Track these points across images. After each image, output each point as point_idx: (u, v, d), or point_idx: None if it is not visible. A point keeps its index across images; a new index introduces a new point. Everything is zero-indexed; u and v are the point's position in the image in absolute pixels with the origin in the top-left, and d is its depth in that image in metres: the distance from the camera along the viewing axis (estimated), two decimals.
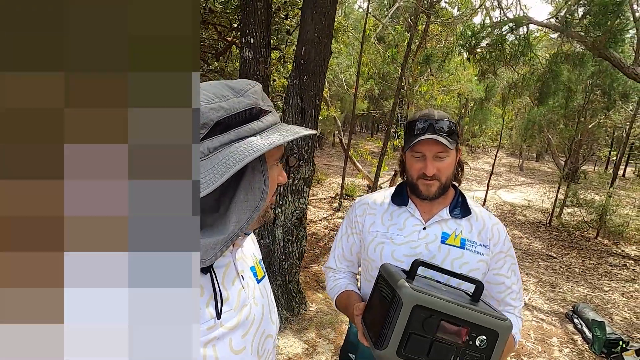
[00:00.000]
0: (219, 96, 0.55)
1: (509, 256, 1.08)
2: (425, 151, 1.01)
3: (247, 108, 0.56)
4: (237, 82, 0.60)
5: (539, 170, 17.36)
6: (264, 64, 2.96)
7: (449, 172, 1.04)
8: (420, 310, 0.75)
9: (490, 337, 0.75)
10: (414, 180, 1.06)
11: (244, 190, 0.57)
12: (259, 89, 0.60)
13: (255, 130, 0.57)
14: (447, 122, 1.01)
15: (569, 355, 3.14)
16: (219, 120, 0.54)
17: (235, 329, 0.62)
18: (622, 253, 6.22)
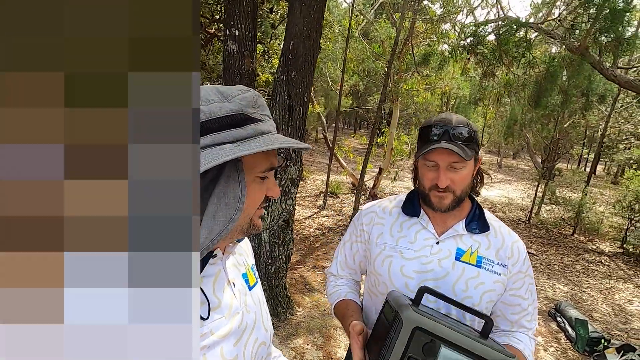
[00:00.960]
0: (203, 99, 0.54)
1: (527, 276, 1.00)
2: (439, 160, 0.92)
3: (229, 114, 0.54)
4: (230, 88, 0.58)
5: (516, 167, 17.84)
6: (250, 57, 2.81)
7: (465, 184, 0.95)
8: (421, 334, 0.72)
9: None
10: (426, 190, 0.97)
11: (217, 199, 0.54)
12: (251, 96, 0.58)
13: (235, 137, 0.54)
14: (465, 129, 0.91)
15: (554, 355, 3.17)
16: None
17: (226, 337, 0.61)
18: (598, 250, 6.42)
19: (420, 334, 0.72)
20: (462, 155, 0.88)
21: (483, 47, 5.69)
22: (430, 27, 6.91)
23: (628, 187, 6.56)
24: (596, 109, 9.84)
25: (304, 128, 2.90)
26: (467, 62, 6.57)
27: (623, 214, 6.58)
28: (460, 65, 6.74)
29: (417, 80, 7.10)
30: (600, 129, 10.11)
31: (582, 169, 16.25)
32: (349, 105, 10.63)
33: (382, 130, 8.31)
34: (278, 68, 2.79)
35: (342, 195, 8.12)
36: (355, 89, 9.53)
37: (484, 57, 5.57)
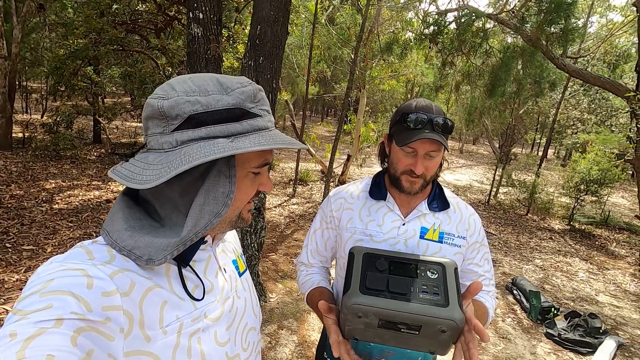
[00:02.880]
0: (201, 90, 0.53)
1: (482, 245, 1.09)
2: (419, 149, 0.95)
3: (227, 107, 0.53)
4: (231, 79, 0.57)
5: (476, 152, 18.70)
6: (215, 42, 2.72)
7: (435, 169, 1.01)
8: (371, 256, 0.87)
9: (438, 270, 0.84)
10: (397, 173, 1.01)
11: (205, 193, 0.54)
12: (251, 90, 0.56)
13: (231, 132, 0.53)
14: (443, 118, 0.95)
15: (511, 325, 3.43)
16: (192, 115, 0.52)
17: (219, 321, 0.61)
18: (549, 227, 6.94)
19: (370, 256, 0.88)
20: (445, 145, 0.93)
21: (443, 37, 5.86)
22: (394, 14, 6.98)
23: (575, 169, 7.10)
24: (548, 97, 10.48)
25: (274, 115, 2.87)
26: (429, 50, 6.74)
27: (570, 194, 7.13)
28: (424, 53, 6.90)
29: (382, 68, 7.18)
30: (551, 115, 10.79)
31: (535, 153, 17.33)
32: (316, 92, 10.59)
33: (349, 118, 8.38)
34: (245, 53, 2.73)
35: (312, 183, 8.16)
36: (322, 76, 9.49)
37: (444, 47, 5.75)
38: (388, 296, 0.78)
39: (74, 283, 0.45)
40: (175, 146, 0.52)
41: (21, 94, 11.12)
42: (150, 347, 0.50)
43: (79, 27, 5.58)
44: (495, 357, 2.89)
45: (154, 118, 0.53)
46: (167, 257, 0.51)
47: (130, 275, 0.50)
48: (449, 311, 0.75)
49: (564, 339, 3.17)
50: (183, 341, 0.54)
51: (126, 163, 0.56)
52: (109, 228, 0.54)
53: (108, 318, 0.46)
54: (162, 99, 0.52)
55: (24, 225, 3.95)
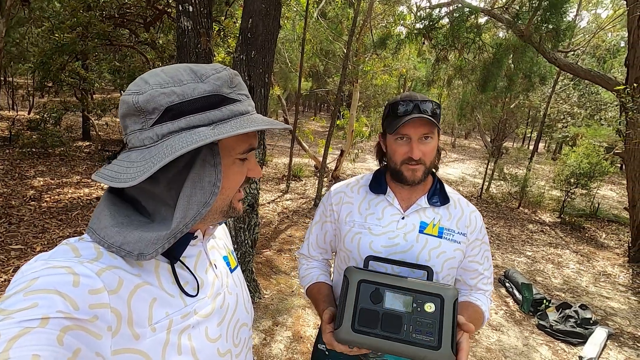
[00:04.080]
0: (175, 80, 0.52)
1: (483, 243, 1.08)
2: (411, 133, 0.96)
3: (203, 95, 0.53)
4: (204, 67, 0.55)
5: (468, 147, 18.84)
6: (206, 35, 2.67)
7: (433, 155, 1.00)
8: (366, 285, 0.84)
9: (436, 302, 0.81)
10: (397, 166, 1.00)
11: (191, 184, 0.53)
12: (227, 75, 0.55)
13: (211, 119, 0.53)
14: (430, 104, 0.96)
15: (504, 317, 3.47)
16: (169, 106, 0.51)
17: (210, 317, 0.60)
18: (540, 220, 7.03)
19: (365, 286, 0.83)
20: (435, 123, 0.94)
21: (437, 32, 5.85)
22: (387, 8, 6.95)
23: (565, 162, 7.19)
24: (539, 91, 10.56)
25: (266, 110, 2.84)
26: (422, 45, 6.74)
27: (561, 187, 7.22)
28: (417, 47, 6.89)
29: (375, 62, 7.16)
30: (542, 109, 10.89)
31: (526, 147, 17.51)
32: (309, 87, 10.53)
33: (342, 113, 8.35)
34: (237, 47, 2.69)
35: (305, 178, 8.14)
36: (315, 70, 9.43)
37: (437, 42, 5.75)
38: (379, 336, 0.79)
39: (59, 281, 0.44)
40: (157, 140, 0.51)
41: (7, 90, 10.87)
42: (139, 345, 0.49)
43: (65, 20, 5.44)
44: (488, 349, 2.92)
45: (131, 115, 0.52)
46: (158, 250, 0.51)
47: (118, 273, 0.50)
48: (439, 355, 0.76)
49: (555, 330, 3.21)
50: (173, 338, 0.53)
51: (109, 164, 0.55)
52: (95, 226, 0.53)
53: (95, 316, 0.45)
54: (137, 94, 0.51)
55: (11, 224, 3.87)
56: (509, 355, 2.88)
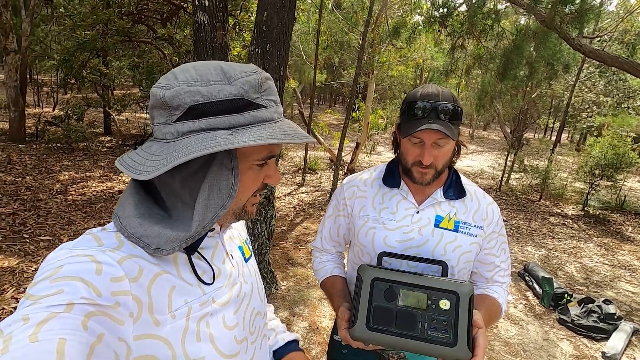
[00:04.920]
0: (203, 79, 0.52)
1: (500, 235, 1.06)
2: (425, 138, 0.92)
3: (228, 98, 0.52)
4: (235, 67, 0.54)
5: (487, 138, 18.40)
6: (222, 29, 2.69)
7: (447, 159, 0.97)
8: (380, 283, 0.83)
9: (451, 299, 0.80)
10: (408, 165, 0.98)
11: (209, 187, 0.54)
12: (256, 79, 0.54)
13: (232, 124, 0.52)
14: (451, 104, 0.90)
15: (523, 311, 3.42)
16: (193, 105, 0.51)
17: (227, 306, 0.62)
18: (562, 213, 6.83)
19: (379, 284, 0.83)
20: (449, 134, 0.89)
21: (453, 19, 5.68)
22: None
23: (589, 153, 6.93)
24: (562, 79, 10.18)
25: (282, 103, 2.85)
26: (438, 34, 6.56)
27: (585, 179, 6.99)
28: (433, 37, 6.73)
29: (391, 53, 7.05)
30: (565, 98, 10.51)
31: (548, 138, 16.97)
32: (324, 79, 10.47)
33: (357, 105, 8.28)
34: (252, 40, 2.70)
35: (320, 171, 8.15)
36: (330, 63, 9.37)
37: (454, 29, 5.58)
38: (395, 333, 0.79)
39: (83, 269, 0.46)
40: (177, 137, 0.52)
41: (32, 88, 11.26)
42: (160, 331, 0.51)
43: (85, 19, 5.57)
44: (506, 343, 2.89)
45: (158, 107, 0.53)
46: (175, 248, 0.52)
47: (138, 262, 0.51)
48: (455, 352, 0.76)
49: (577, 325, 3.14)
50: (192, 325, 0.55)
51: (132, 152, 0.56)
52: (120, 213, 0.55)
53: (117, 303, 0.46)
54: (165, 88, 0.52)
55: (40, 216, 4.04)
56: (527, 349, 2.84)
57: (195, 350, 0.55)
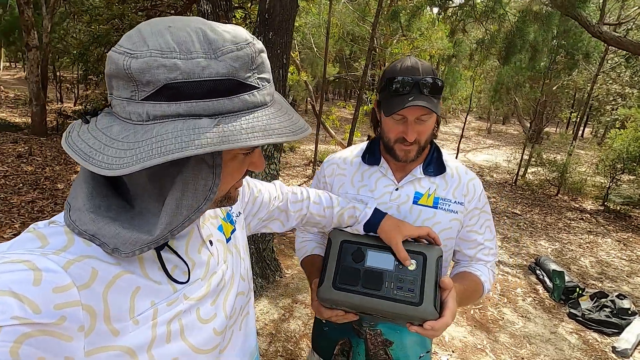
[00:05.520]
0: (182, 48, 0.40)
1: (483, 212, 1.03)
2: (408, 114, 0.90)
3: (214, 78, 0.41)
4: (224, 35, 0.43)
5: (505, 133, 17.94)
6: (225, 18, 2.71)
7: (429, 133, 0.96)
8: (349, 245, 0.85)
9: (418, 259, 0.80)
10: (391, 143, 0.96)
11: (183, 185, 0.45)
12: (248, 54, 0.44)
13: (217, 110, 0.42)
14: (432, 78, 0.88)
15: (532, 304, 3.34)
16: (168, 84, 0.40)
17: (203, 299, 0.55)
18: (580, 208, 6.61)
19: (347, 246, 0.85)
20: (432, 109, 0.87)
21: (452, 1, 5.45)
22: None
23: (611, 146, 6.67)
24: (584, 69, 9.79)
25: (285, 91, 2.86)
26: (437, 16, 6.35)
27: (605, 173, 6.73)
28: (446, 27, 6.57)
29: (403, 44, 6.95)
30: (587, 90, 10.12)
31: (570, 132, 16.40)
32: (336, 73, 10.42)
33: (369, 98, 8.22)
34: (255, 29, 2.71)
35: (328, 156, 8.14)
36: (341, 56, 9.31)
37: (453, 13, 5.39)
38: (361, 292, 0.79)
39: (16, 279, 0.37)
40: (146, 120, 0.41)
41: (54, 83, 11.65)
42: (119, 341, 0.44)
43: (102, 13, 5.72)
44: (512, 335, 2.84)
45: (120, 78, 0.42)
46: (136, 252, 0.44)
47: (91, 263, 0.43)
48: (421, 311, 0.75)
49: (587, 319, 3.05)
50: (159, 328, 0.48)
51: (85, 129, 0.45)
52: (72, 204, 0.46)
53: (63, 317, 0.39)
54: (130, 55, 0.40)
55: (57, 204, 4.20)
56: (533, 342, 2.78)
57: (166, 353, 0.49)
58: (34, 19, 6.80)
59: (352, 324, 1.02)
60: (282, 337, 2.53)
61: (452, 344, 2.66)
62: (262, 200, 0.83)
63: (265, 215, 0.85)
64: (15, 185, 4.55)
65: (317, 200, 0.91)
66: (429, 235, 0.87)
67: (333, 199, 0.92)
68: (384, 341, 1.01)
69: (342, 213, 0.91)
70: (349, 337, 1.04)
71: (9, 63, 20.26)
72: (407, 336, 1.01)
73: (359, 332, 1.03)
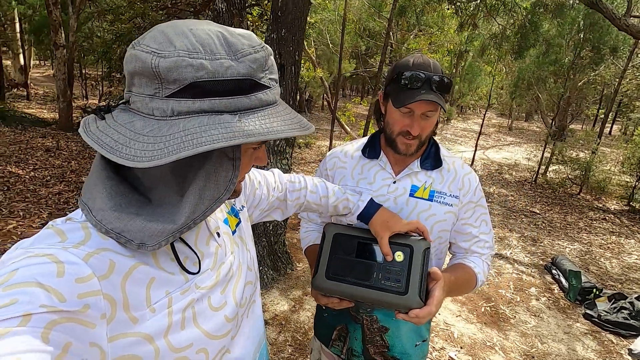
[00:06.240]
0: (206, 50, 0.44)
1: (478, 206, 1.06)
2: (416, 109, 0.93)
3: (236, 78, 0.46)
4: (240, 39, 0.48)
5: (527, 130, 17.44)
6: (239, 16, 2.77)
7: (431, 129, 1.00)
8: (341, 238, 0.91)
9: (406, 252, 0.84)
10: (393, 135, 1.00)
11: (205, 176, 0.48)
12: (263, 57, 0.49)
13: (237, 107, 0.46)
14: (440, 76, 0.91)
15: (545, 304, 3.28)
16: (194, 82, 0.44)
17: (213, 288, 0.59)
18: (603, 207, 6.40)
19: (340, 239, 0.91)
20: (442, 106, 0.91)
21: None
22: None
23: (638, 143, 6.40)
24: (612, 64, 9.40)
25: (296, 87, 2.91)
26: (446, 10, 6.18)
27: (631, 172, 6.47)
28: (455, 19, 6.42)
29: (421, 40, 6.86)
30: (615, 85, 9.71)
31: (597, 129, 15.77)
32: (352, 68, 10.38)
33: None
34: (268, 26, 2.76)
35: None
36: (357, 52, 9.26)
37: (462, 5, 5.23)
38: (351, 282, 0.85)
39: (41, 272, 0.40)
40: (170, 116, 0.44)
41: (80, 80, 12.11)
42: (138, 328, 0.47)
43: (124, 12, 5.91)
44: (523, 334, 2.81)
45: (144, 76, 0.44)
46: (162, 244, 0.47)
47: (108, 255, 0.45)
48: (406, 300, 0.80)
49: (604, 321, 2.98)
50: (175, 316, 0.51)
51: (104, 124, 0.47)
52: (91, 204, 0.47)
53: (86, 305, 0.41)
54: (158, 55, 0.43)
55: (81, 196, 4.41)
56: (545, 341, 2.74)
57: (181, 339, 0.52)
58: (62, 19, 7.08)
59: (349, 310, 1.06)
60: (292, 327, 2.59)
61: (460, 340, 2.65)
62: (262, 193, 0.88)
63: (267, 206, 0.90)
64: (44, 177, 4.80)
65: (314, 190, 0.95)
66: (418, 229, 0.90)
67: (329, 188, 0.96)
68: (380, 327, 1.05)
69: (337, 204, 0.96)
70: (346, 323, 1.09)
71: (38, 61, 21.14)
72: (402, 323, 1.04)
73: (355, 318, 1.07)
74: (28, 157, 5.44)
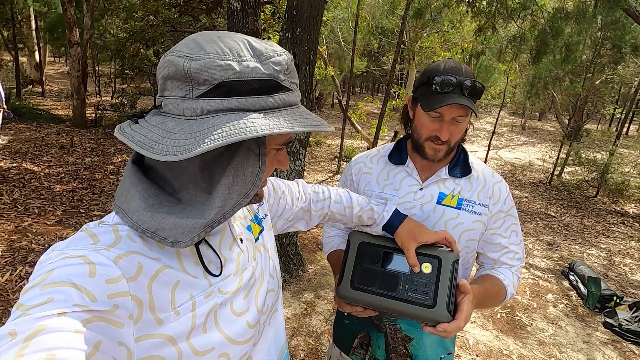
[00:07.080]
0: (234, 54, 0.48)
1: (509, 216, 1.01)
2: (446, 113, 0.90)
3: (261, 78, 0.49)
4: (264, 45, 0.51)
5: (541, 129, 17.12)
6: (253, 15, 2.74)
7: (461, 136, 0.96)
8: (367, 246, 0.88)
9: (434, 263, 0.81)
10: (421, 140, 0.96)
11: (234, 171, 0.51)
12: (285, 61, 0.52)
13: (262, 106, 0.49)
14: (472, 81, 0.88)
15: (563, 311, 3.20)
16: (223, 82, 0.47)
17: (236, 293, 0.59)
18: (621, 211, 6.23)
19: (365, 247, 0.88)
20: (474, 110, 0.88)
21: None
22: None
23: None
24: (632, 62, 9.14)
25: (311, 87, 2.87)
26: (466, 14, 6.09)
27: None
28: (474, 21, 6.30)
29: (434, 38, 6.75)
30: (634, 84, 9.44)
31: (614, 129, 15.40)
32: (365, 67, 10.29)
33: (397, 93, 8.07)
34: (282, 25, 2.72)
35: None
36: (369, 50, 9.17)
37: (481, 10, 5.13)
38: (376, 293, 0.82)
39: (75, 272, 0.42)
40: (199, 115, 0.47)
41: (93, 78, 12.25)
42: (163, 330, 0.49)
43: (137, 10, 5.93)
44: (540, 342, 2.73)
45: (176, 79, 0.47)
46: (194, 239, 0.49)
47: (136, 258, 0.48)
48: (434, 313, 0.77)
49: (625, 330, 2.89)
50: (198, 319, 0.52)
51: (137, 126, 0.51)
52: (125, 207, 0.50)
53: (115, 305, 0.43)
54: (190, 58, 0.46)
55: (94, 194, 4.44)
56: (564, 350, 2.66)
57: (204, 343, 0.53)
58: (77, 17, 7.14)
59: (372, 318, 1.04)
60: (304, 331, 2.56)
61: (476, 347, 2.60)
62: (286, 202, 0.86)
63: (291, 217, 0.89)
64: (58, 174, 4.85)
65: (338, 200, 0.93)
66: (446, 239, 0.86)
67: (353, 198, 0.94)
68: (403, 337, 1.02)
69: (361, 215, 0.93)
70: (369, 331, 1.06)
71: (53, 58, 21.47)
72: (427, 333, 1.01)
73: (379, 326, 1.04)
74: (43, 154, 5.51)
